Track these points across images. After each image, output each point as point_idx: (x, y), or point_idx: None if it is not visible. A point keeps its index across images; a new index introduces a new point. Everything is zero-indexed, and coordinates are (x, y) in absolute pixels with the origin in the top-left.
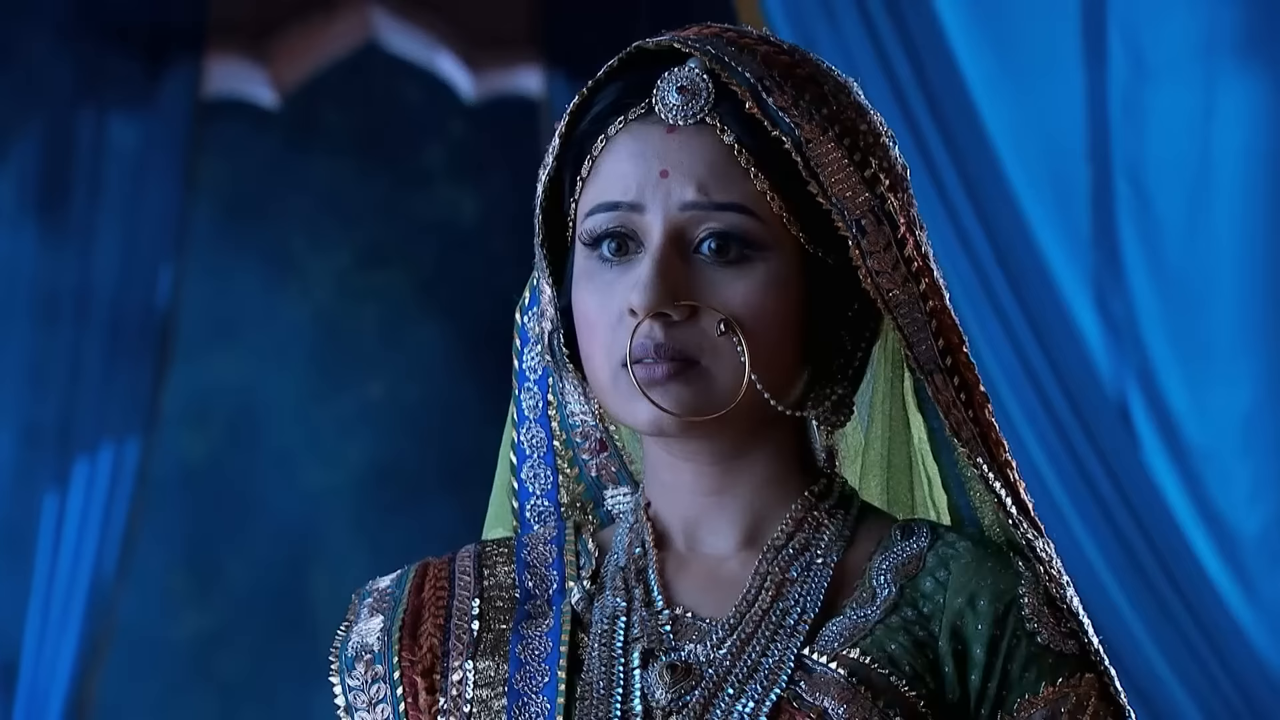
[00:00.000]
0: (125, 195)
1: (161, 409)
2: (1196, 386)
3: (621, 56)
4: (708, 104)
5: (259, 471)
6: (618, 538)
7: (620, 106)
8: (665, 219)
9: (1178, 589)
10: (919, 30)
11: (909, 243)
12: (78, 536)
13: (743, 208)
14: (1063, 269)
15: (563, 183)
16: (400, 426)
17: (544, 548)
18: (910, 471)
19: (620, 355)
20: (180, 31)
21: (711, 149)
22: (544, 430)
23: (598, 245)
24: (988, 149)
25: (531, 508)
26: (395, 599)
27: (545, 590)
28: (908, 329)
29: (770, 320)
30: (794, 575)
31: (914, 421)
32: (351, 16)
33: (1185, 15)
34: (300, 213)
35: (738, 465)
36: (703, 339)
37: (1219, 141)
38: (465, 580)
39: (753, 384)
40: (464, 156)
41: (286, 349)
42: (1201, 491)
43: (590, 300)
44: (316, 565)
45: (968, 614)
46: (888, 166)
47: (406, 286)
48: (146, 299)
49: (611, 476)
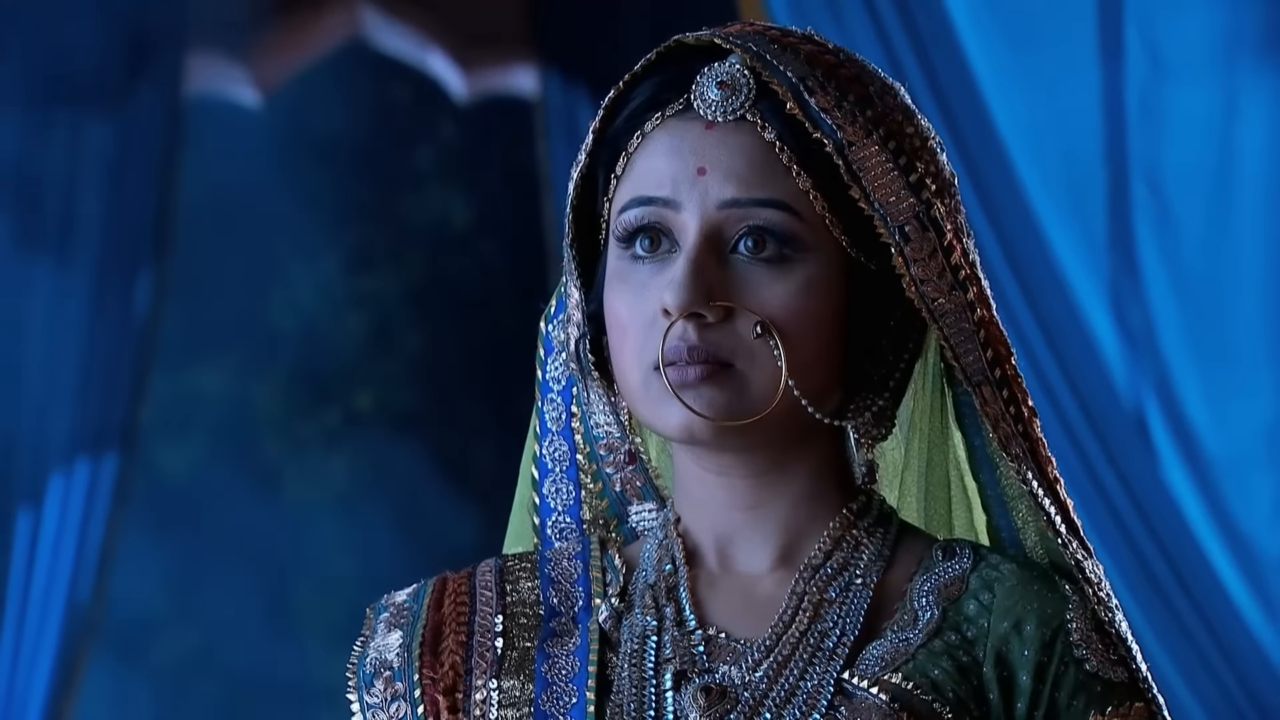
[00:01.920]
0: (101, 199)
1: (140, 422)
2: (1217, 397)
3: (660, 51)
4: (748, 100)
5: (242, 488)
6: (645, 554)
7: (658, 102)
8: (702, 217)
9: (1198, 609)
10: (928, 27)
11: (956, 250)
12: (52, 556)
13: (783, 204)
14: (1078, 275)
15: (596, 181)
16: (390, 440)
17: (568, 563)
18: (949, 491)
19: (652, 357)
20: (159, 28)
21: (752, 146)
22: (567, 443)
23: (631, 242)
24: (999, 151)
25: (553, 524)
26: (414, 614)
27: (571, 607)
28: (954, 339)
29: (809, 324)
30: (832, 596)
31: (954, 439)
32: (338, 13)
33: (1205, 12)
34: (285, 217)
35: (773, 479)
36: (738, 342)
37: (1240, 143)
38: (487, 595)
39: (789, 390)
40: (455, 159)
41: (271, 359)
42: (1222, 507)
43: (622, 301)
44: (302, 585)
45: (1013, 639)
46: (934, 171)
47: (396, 294)
48: (124, 307)
49: (636, 491)
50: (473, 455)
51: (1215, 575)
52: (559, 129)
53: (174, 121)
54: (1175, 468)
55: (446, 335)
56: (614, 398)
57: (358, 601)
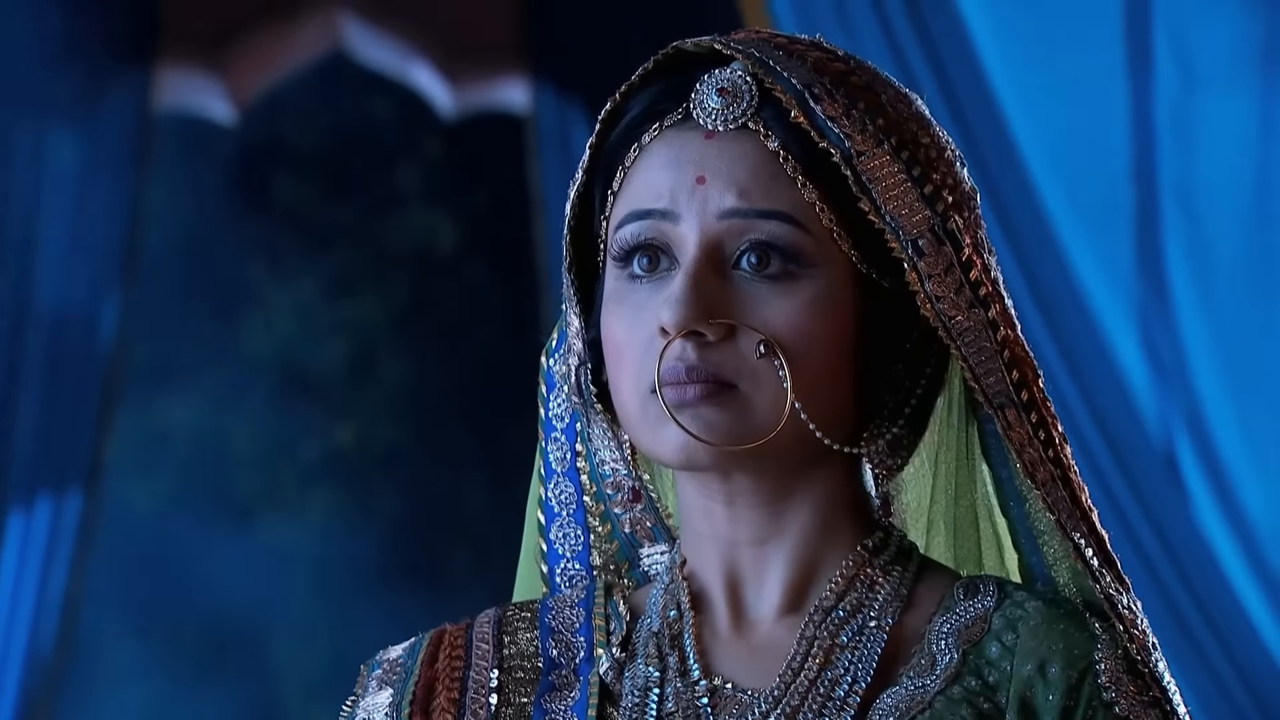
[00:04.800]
0: (66, 219)
1: (106, 457)
2: (1252, 433)
3: (657, 59)
4: (750, 107)
5: (214, 527)
6: (652, 599)
7: (655, 113)
8: (701, 229)
9: (1233, 661)
10: (941, 35)
11: (975, 265)
12: (11, 601)
13: (787, 216)
14: (1103, 301)
15: (593, 199)
16: (371, 476)
17: (570, 611)
18: (977, 528)
19: (650, 379)
20: (127, 38)
21: (754, 155)
22: (573, 485)
23: (628, 261)
24: (1019, 166)
25: (562, 571)
26: (407, 670)
27: (572, 659)
28: (974, 359)
29: (815, 343)
30: (844, 641)
31: (981, 473)
32: (317, 22)
33: (1239, 17)
34: (260, 239)
35: (781, 510)
36: (740, 361)
37: (1278, 158)
38: (483, 649)
39: (795, 414)
40: (442, 177)
41: (245, 390)
42: (1258, 552)
43: (620, 323)
44: (277, 631)
45: (1037, 683)
46: (952, 184)
47: (378, 321)
48: (89, 334)
49: (647, 533)
50: (461, 493)
51: (1252, 625)
52: (552, 146)
53: (142, 137)
54: (1208, 508)
55: (432, 365)
56: (618, 431)
57: (335, 651)
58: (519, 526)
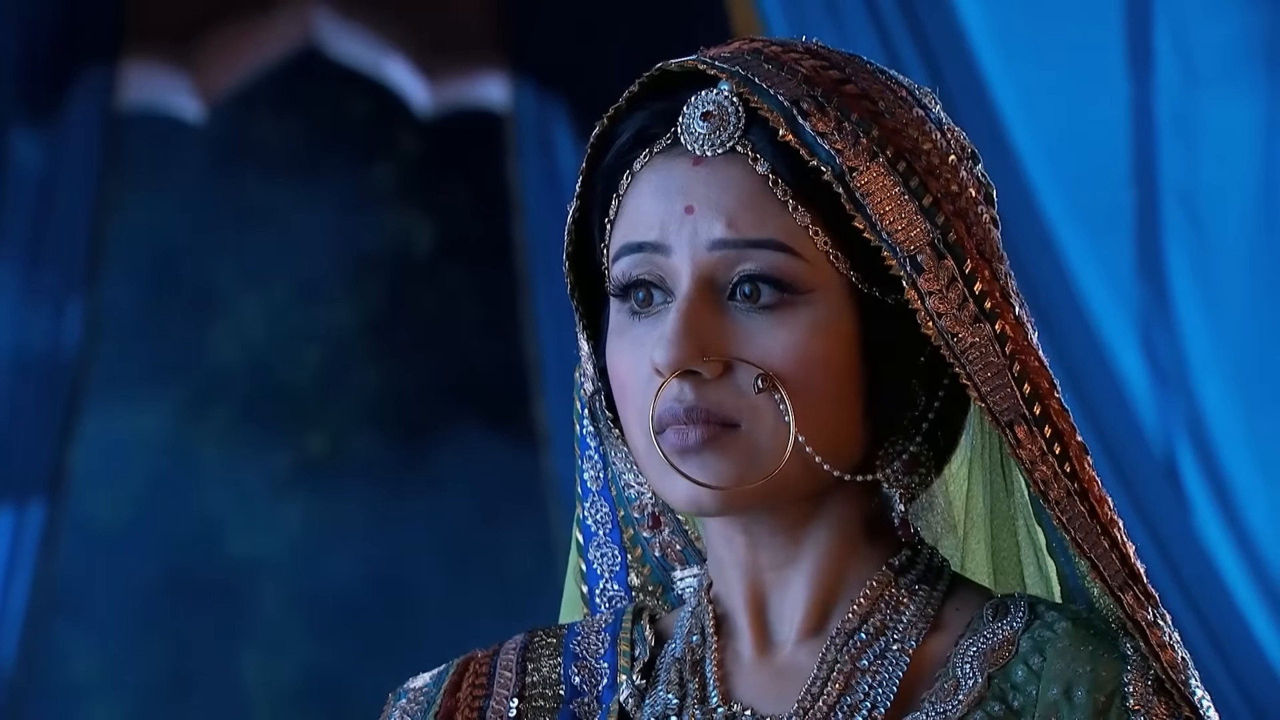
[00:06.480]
0: (28, 222)
1: (69, 467)
2: (1256, 443)
3: (643, 80)
4: (737, 130)
5: (182, 539)
6: (679, 624)
7: (645, 138)
8: (693, 261)
9: (1235, 677)
10: (936, 33)
11: (980, 277)
12: None
13: (779, 244)
14: (1103, 306)
15: (590, 225)
16: (347, 487)
17: (596, 637)
18: (1015, 538)
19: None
20: (91, 33)
21: (742, 181)
22: (608, 504)
23: (626, 296)
24: (1015, 168)
25: (601, 591)
26: (429, 699)
27: (595, 686)
28: (979, 376)
29: (816, 372)
30: (865, 664)
31: (1015, 483)
32: (289, 17)
33: (1243, 14)
34: (230, 242)
35: (801, 536)
36: (740, 398)
37: None
38: (506, 676)
39: (800, 446)
40: (418, 177)
41: (214, 398)
42: (1261, 563)
43: (622, 359)
44: (247, 646)
45: (1063, 707)
46: (956, 190)
47: (353, 325)
48: (53, 341)
49: (677, 556)
50: (440, 504)
51: (1256, 641)
52: (531, 144)
53: (108, 135)
54: (1210, 520)
55: (409, 370)
56: None
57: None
58: (498, 540)
